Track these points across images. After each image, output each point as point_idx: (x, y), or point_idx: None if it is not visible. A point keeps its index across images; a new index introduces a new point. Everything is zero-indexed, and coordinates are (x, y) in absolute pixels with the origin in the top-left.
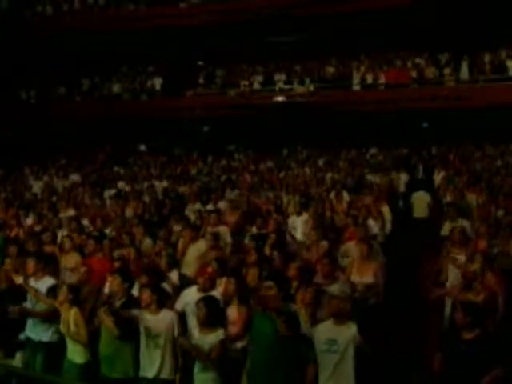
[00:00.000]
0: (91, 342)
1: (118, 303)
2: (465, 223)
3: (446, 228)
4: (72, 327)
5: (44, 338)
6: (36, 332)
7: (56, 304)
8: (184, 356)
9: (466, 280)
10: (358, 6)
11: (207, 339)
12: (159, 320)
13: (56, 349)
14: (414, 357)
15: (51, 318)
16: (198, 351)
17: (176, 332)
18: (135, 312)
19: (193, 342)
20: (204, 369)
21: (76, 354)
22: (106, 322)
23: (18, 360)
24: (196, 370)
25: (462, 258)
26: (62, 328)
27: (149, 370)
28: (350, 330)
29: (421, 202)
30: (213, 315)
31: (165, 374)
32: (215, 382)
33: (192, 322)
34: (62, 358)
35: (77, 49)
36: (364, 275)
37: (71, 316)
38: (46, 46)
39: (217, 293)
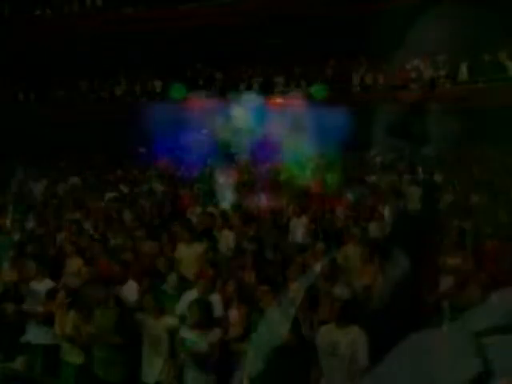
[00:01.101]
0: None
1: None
2: (468, 224)
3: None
4: (69, 330)
5: (43, 340)
6: (35, 335)
7: (53, 307)
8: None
9: (458, 279)
10: (356, 8)
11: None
12: (160, 325)
13: (55, 352)
14: None
15: (50, 319)
16: (197, 349)
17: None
18: (138, 316)
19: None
20: (197, 370)
21: (73, 355)
22: (109, 340)
23: (18, 363)
24: (189, 371)
25: (457, 259)
26: (57, 330)
27: (150, 376)
28: (353, 333)
29: (412, 195)
30: (205, 317)
31: (166, 380)
32: None
33: None
34: (61, 360)
35: (76, 51)
36: (363, 278)
37: (69, 319)
38: (45, 48)
39: (217, 295)
